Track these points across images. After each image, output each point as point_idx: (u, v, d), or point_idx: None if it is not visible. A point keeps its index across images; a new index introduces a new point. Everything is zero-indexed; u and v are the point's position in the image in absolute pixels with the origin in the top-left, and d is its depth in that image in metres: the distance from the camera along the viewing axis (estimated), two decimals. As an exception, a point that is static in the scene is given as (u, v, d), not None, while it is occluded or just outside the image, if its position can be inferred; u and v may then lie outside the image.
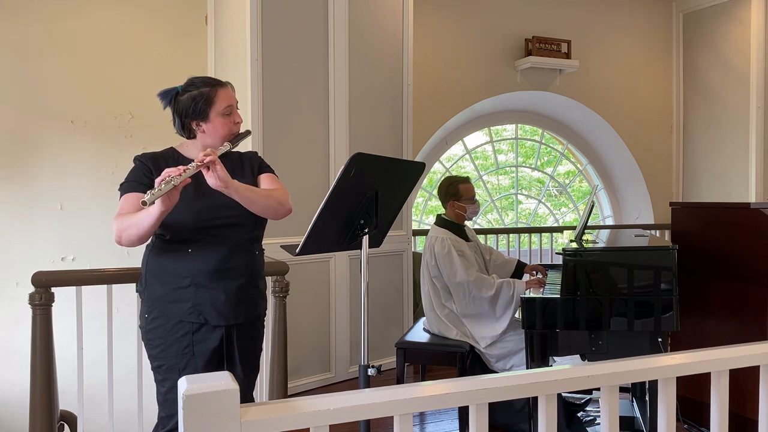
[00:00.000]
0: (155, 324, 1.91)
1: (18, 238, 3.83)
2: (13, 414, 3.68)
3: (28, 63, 3.85)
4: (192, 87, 1.94)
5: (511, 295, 3.00)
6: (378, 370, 1.90)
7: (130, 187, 1.90)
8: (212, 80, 1.98)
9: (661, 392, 1.30)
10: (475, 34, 5.34)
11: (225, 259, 1.91)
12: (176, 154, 2.00)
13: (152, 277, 1.93)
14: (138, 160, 1.97)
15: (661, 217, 6.12)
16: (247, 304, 1.97)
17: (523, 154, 6.96)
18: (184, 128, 1.98)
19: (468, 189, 3.27)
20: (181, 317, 1.89)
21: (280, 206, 1.94)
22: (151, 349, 1.93)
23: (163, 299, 1.90)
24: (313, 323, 3.81)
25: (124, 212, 1.85)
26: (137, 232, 1.78)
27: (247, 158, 2.10)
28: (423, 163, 2.12)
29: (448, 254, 3.09)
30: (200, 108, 1.92)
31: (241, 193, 1.81)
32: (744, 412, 2.69)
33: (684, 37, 6.12)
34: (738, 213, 2.90)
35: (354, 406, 1.04)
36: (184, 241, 1.89)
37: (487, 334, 3.05)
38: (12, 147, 3.84)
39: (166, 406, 1.91)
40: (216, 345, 1.92)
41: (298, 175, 3.73)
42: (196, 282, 1.88)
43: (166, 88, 1.97)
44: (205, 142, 1.96)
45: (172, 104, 1.96)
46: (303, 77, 3.75)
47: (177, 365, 1.88)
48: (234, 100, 1.99)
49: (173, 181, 1.68)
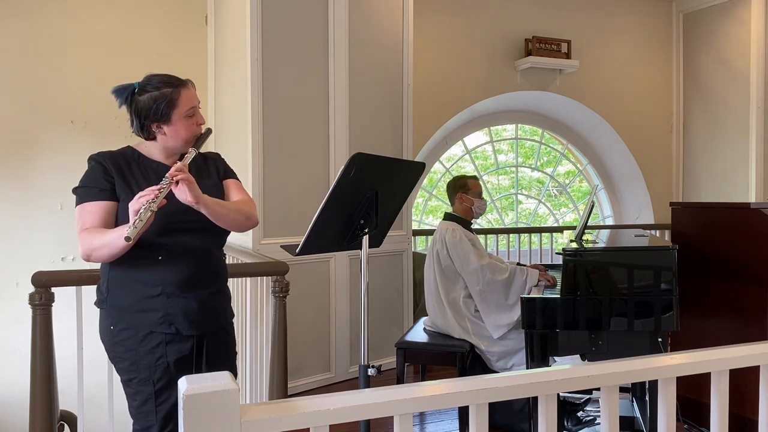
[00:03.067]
0: (123, 336, 1.79)
1: (18, 238, 3.83)
2: (13, 414, 3.68)
3: (28, 63, 3.85)
4: (151, 86, 1.80)
5: (524, 281, 3.06)
6: (378, 370, 1.90)
7: (88, 194, 1.77)
8: (173, 79, 1.83)
9: (661, 392, 1.30)
10: (475, 34, 5.34)
11: (196, 268, 1.83)
12: (135, 153, 1.87)
13: (116, 285, 1.81)
14: (94, 160, 1.82)
15: (661, 217, 6.12)
16: (218, 310, 1.92)
17: (523, 154, 6.96)
18: (143, 129, 1.84)
19: (476, 184, 3.37)
20: (151, 328, 1.78)
21: (246, 220, 1.88)
22: (119, 363, 1.81)
23: (129, 309, 1.79)
24: (313, 323, 3.80)
25: (89, 226, 1.73)
26: (110, 252, 1.70)
27: (211, 160, 2.00)
28: (423, 163, 2.12)
29: (460, 242, 3.13)
30: (162, 110, 1.79)
31: (210, 209, 1.75)
32: (744, 412, 2.69)
33: (684, 37, 6.12)
34: (738, 213, 2.90)
35: (354, 406, 1.04)
36: (153, 248, 1.78)
37: (502, 322, 3.07)
38: (12, 147, 3.84)
39: (140, 419, 1.84)
40: (187, 354, 1.83)
41: (298, 175, 3.73)
42: (168, 291, 1.78)
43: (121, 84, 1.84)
44: (165, 144, 1.85)
45: (129, 103, 1.82)
46: (303, 77, 3.75)
47: (151, 377, 1.79)
48: (197, 100, 1.86)
49: (151, 206, 1.61)
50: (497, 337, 3.08)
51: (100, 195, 1.76)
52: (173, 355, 1.80)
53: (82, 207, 1.77)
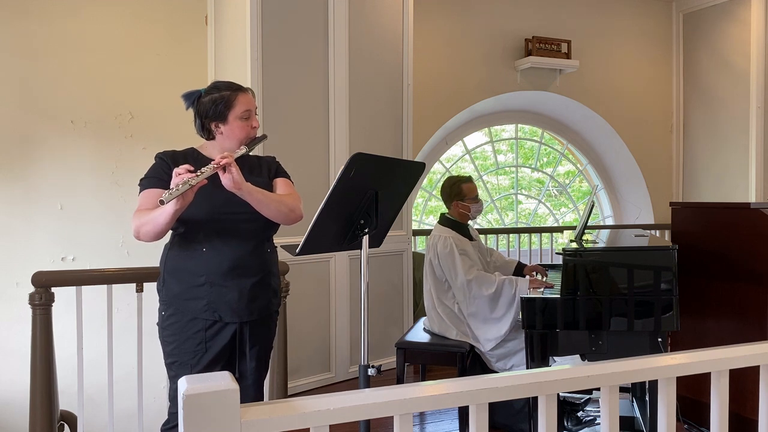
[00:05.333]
0: (170, 321, 1.97)
1: (18, 238, 3.83)
2: (13, 414, 3.68)
3: (28, 63, 3.85)
4: (214, 90, 2.01)
5: (512, 295, 2.99)
6: (378, 370, 1.90)
7: (149, 183, 1.96)
8: (234, 85, 2.04)
9: (661, 392, 1.30)
10: (475, 34, 5.34)
11: (239, 258, 1.96)
12: (196, 154, 2.06)
13: (169, 275, 1.98)
14: (159, 157, 2.02)
15: (661, 217, 6.12)
16: (260, 301, 2.02)
17: (523, 155, 6.96)
18: (203, 129, 2.03)
19: (471, 188, 3.29)
20: (195, 314, 1.94)
21: (290, 212, 2.00)
22: (165, 346, 1.99)
23: (179, 297, 1.96)
24: (313, 323, 3.81)
25: (143, 208, 1.91)
26: (153, 228, 1.84)
27: (265, 162, 2.16)
28: (423, 163, 2.12)
29: (450, 253, 3.09)
30: (220, 110, 1.98)
31: (253, 196, 1.88)
32: (744, 412, 2.69)
33: (684, 37, 6.12)
34: (738, 213, 2.90)
35: (354, 406, 1.04)
36: (199, 240, 1.94)
37: (491, 335, 3.04)
38: (12, 147, 3.84)
39: (176, 403, 1.95)
40: (227, 342, 1.97)
41: (298, 175, 3.70)
42: (211, 280, 1.93)
43: (190, 90, 2.04)
44: (223, 143, 2.02)
45: (195, 105, 2.02)
46: (303, 77, 3.75)
47: (189, 362, 1.94)
48: (253, 105, 2.04)
49: (190, 181, 1.74)
50: (488, 349, 3.06)
51: (158, 184, 1.94)
52: (214, 341, 1.95)
53: (142, 194, 1.96)
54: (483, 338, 3.06)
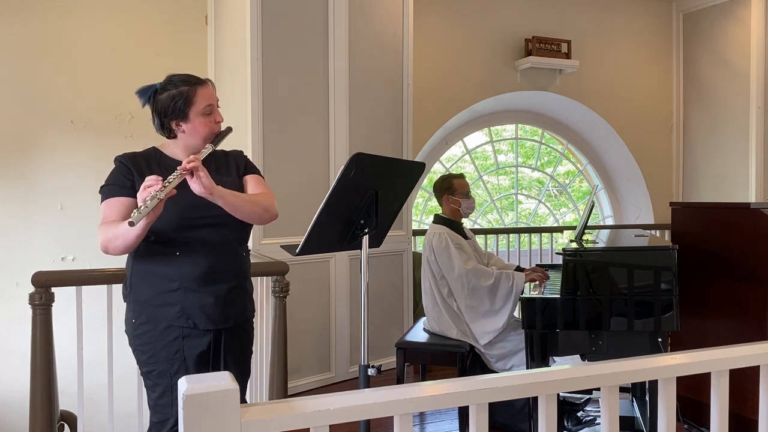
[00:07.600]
0: (143, 329, 1.86)
1: (18, 238, 3.83)
2: (13, 414, 3.68)
3: (28, 63, 3.85)
4: (171, 85, 1.86)
5: (510, 286, 2.98)
6: (378, 370, 1.90)
7: (111, 192, 1.86)
8: (192, 78, 1.89)
9: (661, 392, 1.30)
10: (475, 34, 5.34)
11: (214, 263, 1.86)
12: (158, 154, 1.94)
13: (138, 278, 1.87)
14: (118, 161, 1.91)
15: (661, 217, 6.12)
16: (236, 307, 1.93)
17: (523, 155, 6.95)
18: (163, 128, 1.90)
19: (462, 184, 3.28)
20: (169, 322, 1.84)
21: (265, 212, 1.91)
22: (140, 355, 1.88)
23: (149, 302, 1.85)
24: (313, 323, 3.80)
25: (108, 220, 1.81)
26: (124, 243, 1.75)
27: (232, 157, 2.04)
28: (423, 163, 2.12)
29: (445, 248, 3.10)
30: (179, 108, 1.84)
31: (225, 200, 1.78)
32: (744, 412, 2.69)
33: (684, 37, 6.12)
34: (738, 213, 2.90)
35: (354, 406, 1.04)
36: (171, 244, 1.84)
37: (489, 328, 3.03)
38: (12, 147, 3.84)
39: (158, 411, 1.87)
40: (204, 349, 1.87)
41: (298, 175, 3.73)
42: (185, 286, 1.83)
43: (144, 85, 1.90)
44: (186, 142, 1.90)
45: (151, 102, 1.88)
46: (303, 77, 3.75)
47: (168, 370, 1.84)
48: (214, 99, 1.91)
49: (158, 195, 1.64)
50: (485, 343, 3.05)
51: (121, 192, 1.84)
52: (191, 349, 1.85)
53: (104, 203, 1.86)
54: (480, 331, 3.05)
